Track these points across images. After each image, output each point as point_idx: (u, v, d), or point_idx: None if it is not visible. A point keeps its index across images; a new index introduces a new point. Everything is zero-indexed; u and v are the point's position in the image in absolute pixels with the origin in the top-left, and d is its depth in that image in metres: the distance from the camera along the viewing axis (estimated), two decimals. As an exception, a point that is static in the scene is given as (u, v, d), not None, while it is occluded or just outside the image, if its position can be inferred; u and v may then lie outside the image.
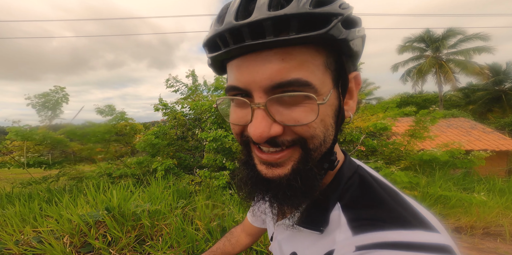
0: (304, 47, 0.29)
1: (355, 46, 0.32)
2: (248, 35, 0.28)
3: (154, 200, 2.27)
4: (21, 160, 4.18)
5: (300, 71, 0.29)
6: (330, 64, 0.31)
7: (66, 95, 6.04)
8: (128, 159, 4.65)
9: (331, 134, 0.33)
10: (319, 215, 0.36)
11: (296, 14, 0.27)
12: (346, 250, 0.30)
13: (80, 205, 2.07)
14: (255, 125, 0.30)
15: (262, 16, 0.27)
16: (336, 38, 0.29)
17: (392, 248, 0.27)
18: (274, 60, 0.29)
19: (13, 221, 1.89)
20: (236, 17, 0.29)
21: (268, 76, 0.29)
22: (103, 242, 1.60)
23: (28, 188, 3.84)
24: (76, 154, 4.87)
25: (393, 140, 4.87)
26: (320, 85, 0.30)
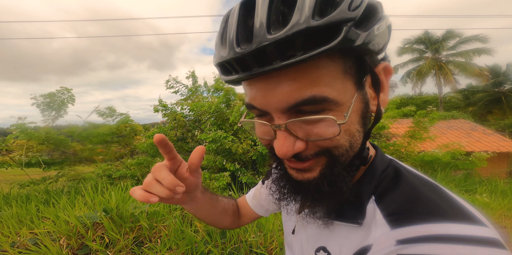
0: (316, 61, 0.27)
1: (377, 45, 0.29)
2: (253, 63, 0.27)
3: (153, 201, 2.25)
4: (21, 159, 4.16)
5: (315, 87, 0.27)
6: (349, 68, 0.29)
7: (72, 96, 6.06)
8: (128, 160, 4.63)
9: (358, 139, 0.32)
10: (355, 208, 0.35)
11: (298, 33, 0.24)
12: (386, 245, 0.28)
13: (78, 206, 2.05)
14: (279, 145, 0.30)
15: (263, 43, 0.25)
16: (351, 46, 0.26)
17: (436, 241, 0.25)
18: (286, 81, 0.28)
19: (9, 223, 1.87)
20: (238, 42, 0.28)
21: (282, 98, 0.28)
22: (101, 244, 1.58)
23: (26, 189, 3.81)
24: (76, 154, 4.85)
25: (393, 142, 4.85)
26: (340, 96, 0.28)
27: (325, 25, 0.25)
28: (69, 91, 5.88)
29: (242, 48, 0.27)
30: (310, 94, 0.27)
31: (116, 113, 5.53)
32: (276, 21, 0.26)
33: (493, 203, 3.27)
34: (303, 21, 0.24)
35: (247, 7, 0.29)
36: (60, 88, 5.85)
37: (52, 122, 6.64)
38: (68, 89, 5.86)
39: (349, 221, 0.35)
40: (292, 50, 0.25)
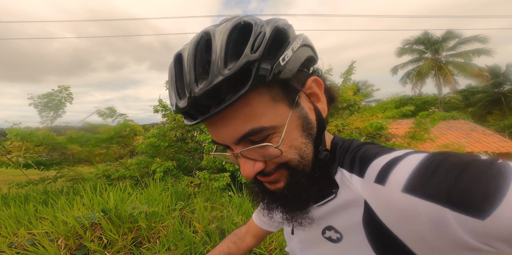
0: (245, 98, 0.31)
1: (289, 71, 0.32)
2: (196, 113, 0.33)
3: (152, 202, 2.24)
4: (19, 160, 4.15)
5: (252, 121, 0.33)
6: (276, 95, 0.34)
7: (70, 95, 5.99)
8: (128, 160, 4.62)
9: (306, 149, 0.37)
10: (326, 185, 0.40)
11: (218, 83, 0.29)
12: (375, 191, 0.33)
13: (76, 207, 2.04)
14: (242, 169, 0.37)
15: (195, 97, 0.30)
16: (265, 81, 0.30)
17: (396, 163, 0.31)
18: (229, 120, 0.33)
19: (7, 223, 1.86)
20: (179, 96, 0.33)
21: (230, 134, 0.34)
22: (99, 245, 1.57)
23: (24, 189, 3.80)
24: (75, 155, 4.84)
25: (392, 142, 4.85)
26: (275, 121, 0.34)
27: (236, 73, 0.29)
28: (67, 89, 5.83)
29: (183, 103, 0.32)
30: (250, 128, 0.33)
31: (116, 114, 5.52)
32: (202, 74, 0.31)
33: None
34: (218, 73, 0.29)
35: (179, 61, 0.34)
36: (58, 88, 5.80)
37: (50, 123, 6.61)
38: (66, 87, 5.80)
39: (326, 198, 0.40)
40: (220, 96, 0.30)
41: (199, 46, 0.32)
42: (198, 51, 0.32)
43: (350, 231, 0.38)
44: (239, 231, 0.76)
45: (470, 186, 0.25)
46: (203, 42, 0.32)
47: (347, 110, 5.64)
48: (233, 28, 0.31)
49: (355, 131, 4.52)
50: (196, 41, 0.32)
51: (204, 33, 0.33)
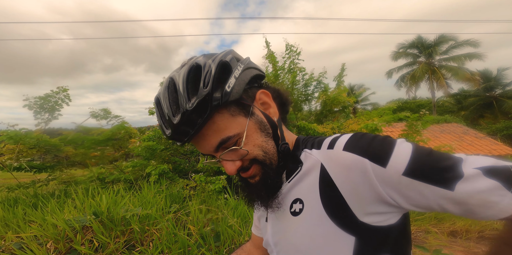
0: (212, 118, 0.43)
1: (236, 93, 0.44)
2: (180, 137, 0.45)
3: (145, 204, 2.20)
4: (12, 164, 4.05)
5: (220, 133, 0.45)
6: (233, 111, 0.45)
7: (68, 96, 5.90)
8: (123, 163, 4.55)
9: (268, 145, 0.48)
10: (294, 164, 0.51)
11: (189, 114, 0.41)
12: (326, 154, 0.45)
13: (67, 210, 2.00)
14: (225, 169, 0.48)
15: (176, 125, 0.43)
16: (218, 106, 0.42)
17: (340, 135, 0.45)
18: (204, 137, 0.45)
19: (-5, 227, 1.81)
20: (165, 127, 0.45)
21: (208, 146, 0.46)
22: (90, 248, 1.53)
23: (14, 192, 3.71)
24: (69, 158, 4.75)
25: None
26: (237, 130, 0.45)
27: (197, 105, 0.41)
28: (65, 90, 5.75)
29: (169, 132, 0.45)
30: (220, 139, 0.45)
31: (111, 115, 5.45)
32: (176, 110, 0.43)
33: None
34: (185, 108, 0.41)
35: (159, 103, 0.46)
36: (56, 89, 5.71)
37: (45, 125, 6.49)
38: (64, 88, 5.73)
39: (294, 172, 0.50)
40: (192, 122, 0.42)
41: (169, 90, 0.44)
42: (170, 93, 0.44)
43: (309, 195, 0.46)
44: (244, 245, 0.78)
45: (378, 146, 0.39)
46: (171, 86, 0.44)
47: (343, 113, 5.69)
48: (188, 71, 0.43)
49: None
50: (166, 86, 0.45)
51: (170, 78, 0.45)
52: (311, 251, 0.44)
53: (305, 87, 5.28)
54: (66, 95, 5.92)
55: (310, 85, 5.27)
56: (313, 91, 5.37)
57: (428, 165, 0.36)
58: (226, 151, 0.45)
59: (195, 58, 0.46)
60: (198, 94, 0.41)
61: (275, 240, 0.53)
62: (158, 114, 0.46)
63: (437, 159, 0.36)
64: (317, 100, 5.37)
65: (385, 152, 0.37)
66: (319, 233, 0.43)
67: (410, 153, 0.37)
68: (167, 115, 0.43)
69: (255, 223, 0.73)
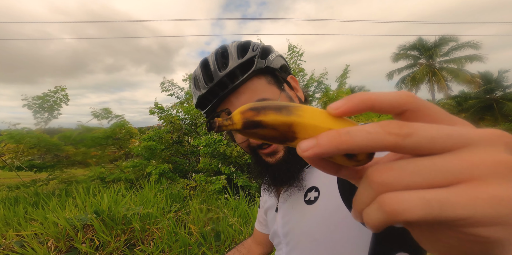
0: (250, 80, 0.48)
1: (276, 64, 0.51)
2: (218, 90, 0.47)
3: (146, 203, 2.20)
4: (13, 163, 4.05)
5: (258, 94, 0.48)
6: (270, 81, 0.50)
7: (66, 95, 5.90)
8: (123, 162, 4.55)
9: None
10: None
11: (235, 67, 0.46)
12: None
13: (68, 208, 2.00)
14: None
15: (219, 77, 0.46)
16: (262, 67, 0.48)
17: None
18: (241, 96, 0.48)
19: (-4, 225, 1.81)
20: (206, 83, 0.48)
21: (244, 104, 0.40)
22: (91, 247, 1.53)
23: (15, 191, 3.71)
24: (69, 157, 4.75)
25: None
26: (270, 95, 0.49)
27: (245, 61, 0.47)
28: (63, 90, 5.76)
29: (209, 85, 0.47)
30: (256, 98, 0.47)
31: (112, 115, 5.46)
32: (222, 66, 0.48)
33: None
34: (234, 62, 0.47)
35: (204, 63, 0.51)
36: (54, 88, 5.72)
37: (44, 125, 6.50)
38: (62, 88, 5.74)
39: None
40: (235, 77, 0.46)
41: (219, 53, 0.50)
42: (219, 55, 0.49)
43: (326, 183, 0.45)
44: (245, 241, 0.78)
45: None
46: (223, 50, 0.50)
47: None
48: (240, 42, 0.51)
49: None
50: (215, 51, 0.51)
51: (220, 47, 0.51)
52: (327, 239, 0.43)
53: (306, 88, 5.30)
54: (64, 94, 5.93)
55: (310, 86, 5.27)
56: (314, 92, 5.38)
57: None
58: None
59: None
60: (247, 54, 0.47)
61: (286, 230, 0.52)
62: (200, 73, 0.49)
63: None
64: (318, 101, 5.38)
65: None
66: (335, 222, 0.42)
67: None
68: (212, 71, 0.47)
69: (259, 219, 0.72)
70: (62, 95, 5.96)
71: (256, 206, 2.58)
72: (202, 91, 0.48)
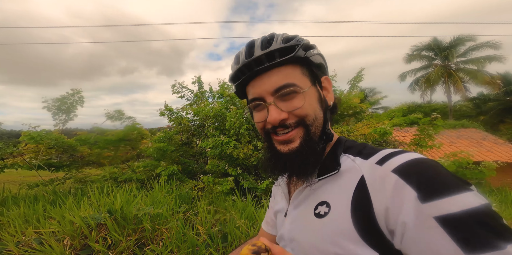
0: (286, 66, 0.50)
1: (315, 60, 0.52)
2: (254, 65, 0.50)
3: (156, 204, 2.26)
4: (32, 162, 4.27)
5: (288, 79, 0.49)
6: (304, 72, 0.51)
7: (82, 98, 6.17)
8: (135, 163, 4.68)
9: (320, 114, 0.51)
10: (330, 164, 0.49)
11: (276, 49, 0.49)
12: (370, 169, 0.43)
13: (83, 207, 2.08)
14: (270, 115, 0.49)
15: (258, 54, 0.49)
16: (300, 57, 0.50)
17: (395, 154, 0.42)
18: (272, 76, 0.50)
19: (16, 222, 1.91)
20: (245, 57, 0.51)
21: (271, 85, 0.49)
22: (103, 245, 1.59)
23: (34, 190, 3.90)
24: (84, 158, 4.94)
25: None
26: (301, 84, 0.49)
27: (287, 46, 0.49)
28: (79, 92, 6.02)
29: (247, 59, 0.50)
30: (285, 82, 0.49)
31: (124, 117, 5.65)
32: (264, 46, 0.50)
33: (503, 212, 3.15)
34: (277, 45, 0.49)
35: (250, 44, 0.54)
36: (71, 91, 5.99)
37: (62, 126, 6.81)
38: (78, 90, 6.00)
39: (329, 172, 0.48)
40: (273, 57, 0.49)
41: (266, 37, 0.53)
42: (265, 38, 0.52)
43: (339, 201, 0.44)
44: (250, 241, 0.77)
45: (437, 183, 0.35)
46: (271, 36, 0.53)
47: (353, 118, 5.60)
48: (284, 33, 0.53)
49: (361, 137, 4.48)
50: (264, 36, 0.54)
51: (269, 34, 0.54)
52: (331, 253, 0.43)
53: None
54: (80, 97, 6.21)
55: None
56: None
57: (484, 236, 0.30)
58: (283, 91, 0.48)
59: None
60: (291, 42, 0.50)
61: (292, 236, 0.52)
62: (244, 50, 0.52)
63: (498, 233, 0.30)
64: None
65: (440, 191, 0.34)
66: (341, 242, 0.42)
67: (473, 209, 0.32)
68: (254, 48, 0.50)
69: (267, 219, 0.72)
70: (78, 98, 6.24)
71: (263, 208, 2.59)
72: (240, 64, 0.51)
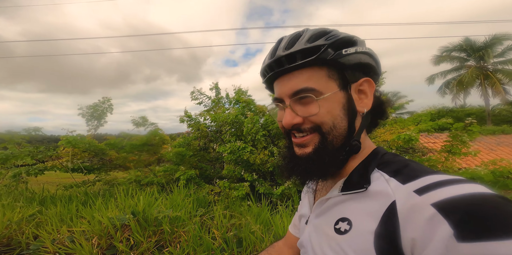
0: (309, 68, 0.46)
1: (349, 60, 0.47)
2: (275, 66, 0.49)
3: (175, 207, 2.35)
4: (68, 165, 4.71)
5: (307, 82, 0.46)
6: (332, 75, 0.47)
7: (111, 106, 6.72)
8: (156, 167, 4.93)
9: (341, 122, 0.47)
10: (359, 179, 0.45)
11: (297, 51, 0.46)
12: (406, 196, 0.36)
13: (110, 208, 2.23)
14: (285, 118, 0.48)
15: (279, 56, 0.48)
16: (326, 59, 0.45)
17: (445, 185, 0.34)
18: (293, 78, 0.47)
19: (53, 221, 2.10)
20: (270, 56, 0.50)
21: (290, 87, 0.47)
22: (126, 246, 1.68)
23: (69, 190, 4.26)
24: (112, 161, 5.32)
25: (428, 157, 4.41)
26: (322, 89, 0.46)
27: (311, 47, 0.46)
28: (108, 100, 6.55)
29: (270, 60, 0.49)
30: (303, 86, 0.46)
31: (148, 123, 6.01)
32: (289, 46, 0.48)
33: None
34: (299, 46, 0.46)
35: (278, 40, 0.52)
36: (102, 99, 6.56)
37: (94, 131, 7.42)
38: (108, 98, 6.54)
39: (354, 189, 0.45)
40: (294, 59, 0.47)
41: (295, 34, 0.50)
42: (294, 36, 0.50)
43: (363, 222, 0.40)
44: (276, 243, 0.76)
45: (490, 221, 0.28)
46: (301, 32, 0.50)
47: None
48: (318, 28, 0.50)
49: (383, 144, 4.27)
50: (296, 32, 0.51)
51: (303, 29, 0.51)
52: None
53: None
54: (110, 104, 6.75)
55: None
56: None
57: None
58: (299, 96, 0.46)
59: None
60: (317, 41, 0.46)
61: (312, 245, 0.51)
62: (273, 48, 0.51)
63: None
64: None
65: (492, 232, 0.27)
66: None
67: None
68: (281, 47, 0.49)
69: (295, 222, 0.71)
70: (108, 105, 6.79)
71: (278, 214, 2.57)
72: (265, 63, 0.51)
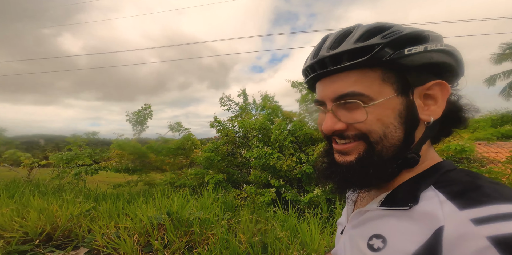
0: (360, 69, 0.39)
1: (412, 61, 0.38)
2: (318, 67, 0.43)
3: (205, 209, 2.50)
4: (117, 166, 5.36)
5: (355, 86, 0.39)
6: (388, 78, 0.39)
7: (151, 112, 7.44)
8: (188, 170, 5.29)
9: (395, 132, 0.40)
10: (406, 195, 0.39)
11: (344, 51, 0.39)
12: (460, 224, 0.30)
13: (148, 207, 2.48)
14: (325, 122, 0.43)
15: (322, 56, 0.41)
16: (381, 60, 0.38)
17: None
18: (338, 81, 0.41)
19: (104, 216, 2.42)
20: (312, 56, 0.44)
21: (333, 91, 0.42)
22: (161, 244, 1.85)
23: (117, 189, 4.82)
24: (151, 163, 5.87)
25: (488, 168, 3.80)
26: (373, 94, 0.39)
27: (362, 47, 0.38)
28: (149, 107, 7.23)
29: (312, 60, 0.44)
30: (350, 90, 0.39)
31: (182, 128, 6.49)
32: (335, 45, 0.41)
33: None
34: (346, 45, 0.39)
35: (323, 38, 0.46)
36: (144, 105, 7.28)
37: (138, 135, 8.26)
38: (148, 105, 7.22)
39: (396, 205, 0.39)
40: (339, 60, 0.40)
41: (343, 31, 0.43)
42: (341, 33, 0.43)
43: (400, 243, 0.36)
44: (329, 253, 0.72)
45: None
46: (348, 30, 0.43)
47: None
48: (372, 24, 0.41)
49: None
50: (342, 29, 0.44)
51: (351, 26, 0.44)
52: None
53: None
54: (150, 111, 7.43)
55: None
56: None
57: None
58: (342, 101, 0.40)
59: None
60: (370, 40, 0.38)
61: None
62: (317, 46, 0.45)
63: None
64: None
65: None
66: None
67: None
68: (326, 46, 0.42)
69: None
70: (149, 112, 7.48)
71: (305, 222, 2.55)
72: (307, 63, 0.45)
